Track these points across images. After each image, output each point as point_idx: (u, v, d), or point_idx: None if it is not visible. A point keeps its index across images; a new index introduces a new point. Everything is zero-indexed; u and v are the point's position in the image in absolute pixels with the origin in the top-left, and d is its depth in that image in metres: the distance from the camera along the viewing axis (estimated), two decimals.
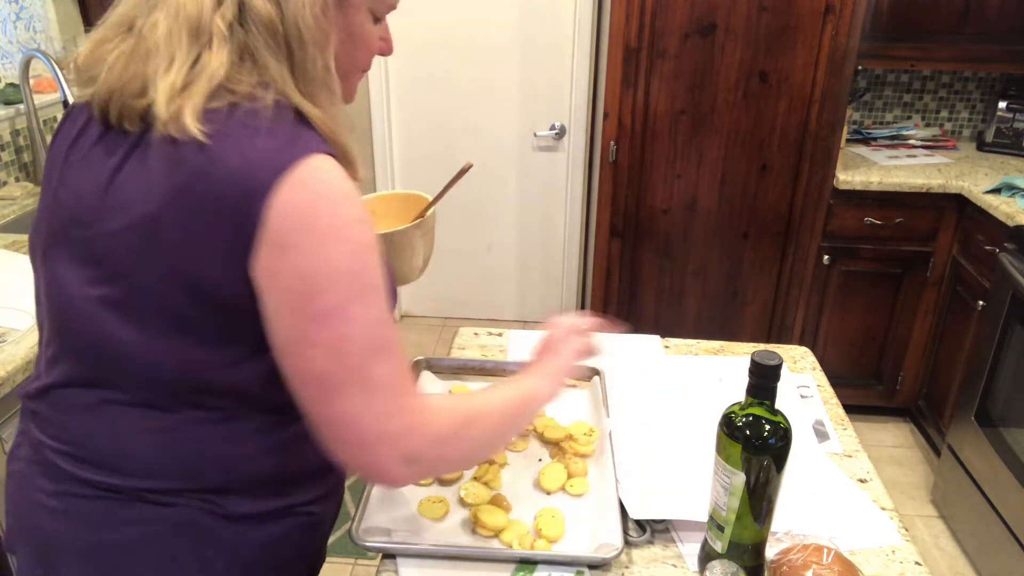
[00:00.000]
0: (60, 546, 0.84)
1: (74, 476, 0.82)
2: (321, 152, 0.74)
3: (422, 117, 3.23)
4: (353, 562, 2.22)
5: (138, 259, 0.74)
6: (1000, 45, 2.61)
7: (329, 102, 0.79)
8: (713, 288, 2.70)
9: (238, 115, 0.73)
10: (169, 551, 0.83)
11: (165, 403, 0.80)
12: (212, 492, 0.83)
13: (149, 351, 0.77)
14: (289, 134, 0.74)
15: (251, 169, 0.70)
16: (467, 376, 1.34)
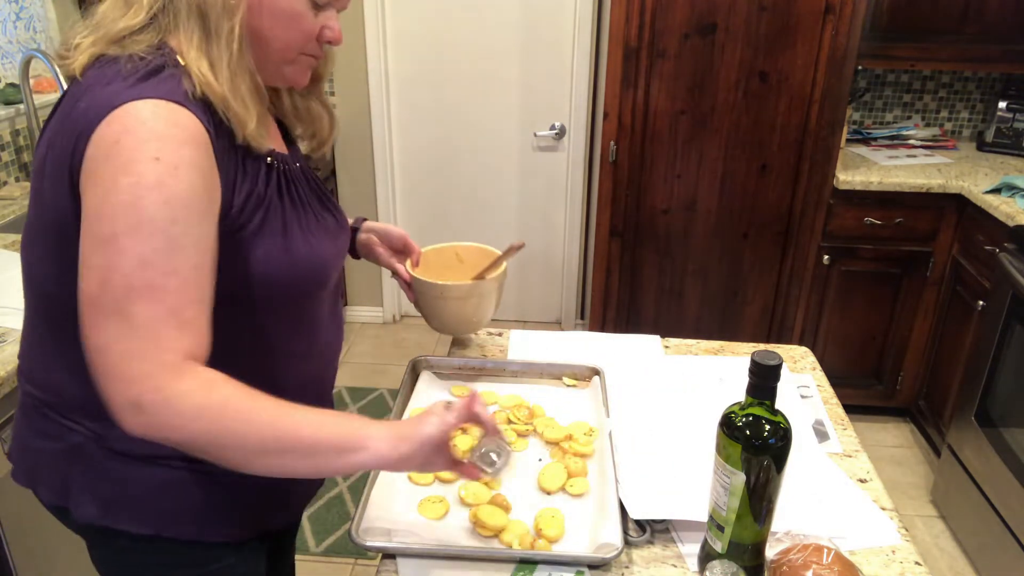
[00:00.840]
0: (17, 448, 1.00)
1: (22, 388, 0.98)
2: (162, 98, 0.80)
3: (422, 117, 3.23)
4: (353, 562, 2.22)
5: (36, 188, 0.87)
6: (1000, 45, 2.61)
7: (228, 63, 0.85)
8: (713, 288, 2.70)
9: (111, 64, 0.83)
10: (64, 471, 0.94)
11: (58, 328, 0.90)
12: (92, 418, 0.90)
13: (42, 279, 0.90)
14: (139, 81, 0.81)
15: (91, 109, 0.80)
16: (467, 376, 1.33)
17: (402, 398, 1.24)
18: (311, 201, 1.01)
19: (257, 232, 0.90)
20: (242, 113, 0.86)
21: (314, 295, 0.99)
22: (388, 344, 3.42)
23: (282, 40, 0.92)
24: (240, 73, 0.87)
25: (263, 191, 0.92)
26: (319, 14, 0.93)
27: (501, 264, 1.35)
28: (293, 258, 0.93)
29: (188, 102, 0.83)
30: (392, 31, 3.08)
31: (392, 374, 3.15)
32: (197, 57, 0.85)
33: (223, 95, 0.85)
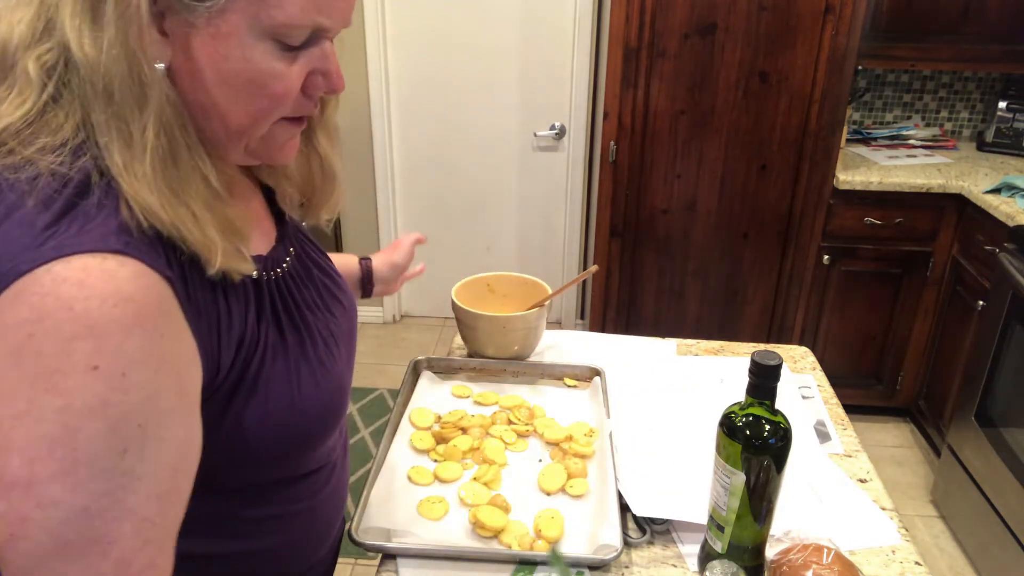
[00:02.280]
0: None
1: None
2: (95, 252, 0.55)
3: (422, 117, 3.23)
4: (353, 562, 2.22)
5: None
6: (1000, 45, 2.61)
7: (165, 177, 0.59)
8: (713, 288, 2.70)
9: (4, 188, 0.57)
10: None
11: None
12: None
13: None
14: (56, 220, 0.56)
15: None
16: (467, 376, 1.33)
17: (402, 398, 1.24)
18: (316, 305, 0.80)
19: (252, 391, 0.68)
20: (201, 242, 0.60)
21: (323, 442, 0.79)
22: (388, 344, 3.42)
23: (243, 114, 0.64)
24: (185, 184, 0.60)
25: (255, 330, 0.69)
26: (297, 60, 0.64)
27: (562, 289, 1.42)
28: (297, 408, 0.72)
29: (131, 243, 0.56)
30: (392, 31, 3.08)
31: (392, 374, 3.15)
32: (124, 169, 0.57)
33: (171, 223, 0.59)
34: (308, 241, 0.88)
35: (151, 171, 0.58)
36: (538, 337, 1.37)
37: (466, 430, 1.16)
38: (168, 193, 0.59)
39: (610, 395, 1.24)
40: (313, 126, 0.80)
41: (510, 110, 3.18)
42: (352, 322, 0.88)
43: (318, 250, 0.88)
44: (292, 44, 0.63)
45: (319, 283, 0.83)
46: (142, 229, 0.58)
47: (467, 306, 1.31)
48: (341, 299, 0.86)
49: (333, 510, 0.88)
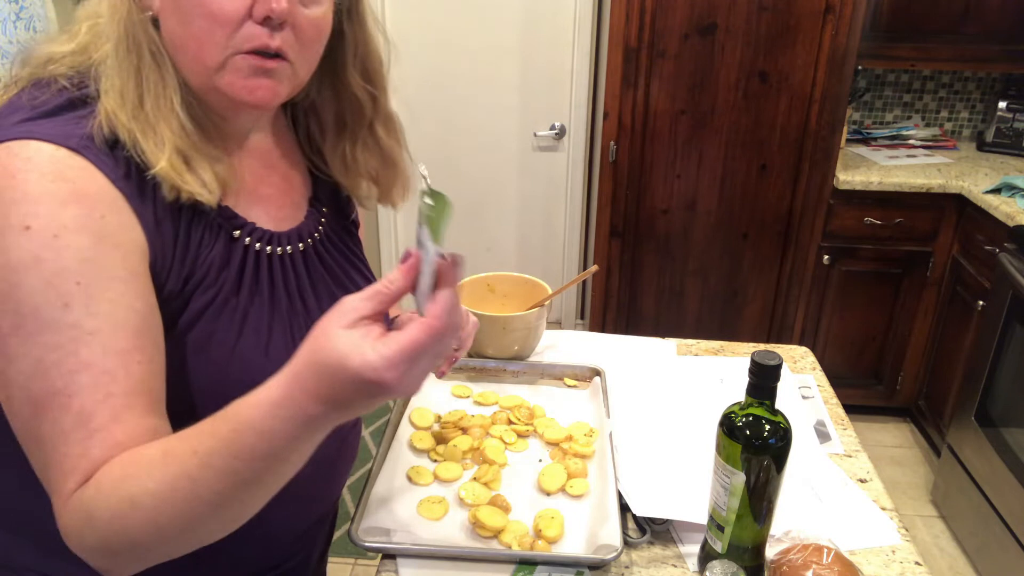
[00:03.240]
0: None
1: None
2: (49, 141, 0.63)
3: (422, 117, 3.22)
4: (353, 562, 2.22)
5: None
6: (1000, 45, 2.61)
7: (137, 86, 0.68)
8: (713, 288, 2.70)
9: (27, 90, 0.69)
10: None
11: None
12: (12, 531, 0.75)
13: None
14: (37, 117, 0.65)
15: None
16: (467, 376, 1.33)
17: (402, 398, 1.24)
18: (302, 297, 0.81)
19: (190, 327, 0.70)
20: (149, 146, 0.67)
21: None
22: None
23: (192, 37, 0.69)
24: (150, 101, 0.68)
25: (214, 276, 0.72)
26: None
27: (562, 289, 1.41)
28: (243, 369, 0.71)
29: (89, 147, 0.65)
30: (392, 31, 3.07)
31: None
32: (109, 85, 0.68)
33: (128, 127, 0.67)
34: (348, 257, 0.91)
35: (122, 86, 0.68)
36: (538, 337, 1.37)
37: (466, 430, 1.16)
38: (133, 106, 0.68)
39: (610, 395, 1.24)
40: (371, 120, 0.86)
41: (510, 110, 3.17)
42: None
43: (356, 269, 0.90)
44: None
45: (322, 284, 0.85)
46: (106, 142, 0.66)
47: (467, 306, 1.31)
48: None
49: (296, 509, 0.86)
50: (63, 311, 0.60)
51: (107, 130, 0.66)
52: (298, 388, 0.57)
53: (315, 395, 0.56)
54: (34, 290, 0.60)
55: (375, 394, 0.56)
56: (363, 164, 0.89)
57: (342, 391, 0.56)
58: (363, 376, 0.55)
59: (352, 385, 0.55)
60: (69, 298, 0.60)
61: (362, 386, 0.55)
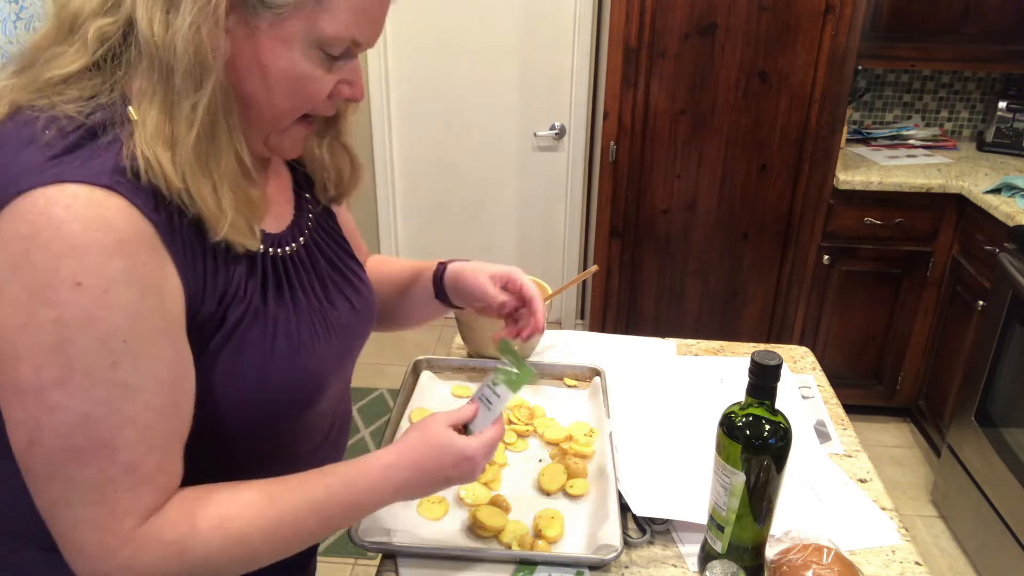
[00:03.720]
0: None
1: None
2: (87, 183, 0.61)
3: (422, 117, 3.22)
4: (353, 562, 2.22)
5: None
6: (1000, 45, 2.61)
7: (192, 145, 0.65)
8: (713, 288, 2.70)
9: (31, 122, 0.64)
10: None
11: None
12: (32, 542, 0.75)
13: None
14: (60, 153, 0.62)
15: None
16: (467, 376, 1.33)
17: (402, 398, 1.24)
18: (316, 290, 0.84)
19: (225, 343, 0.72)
20: (213, 211, 0.67)
21: (292, 420, 0.82)
22: (388, 344, 3.41)
23: (279, 108, 0.72)
24: (214, 158, 0.67)
25: (243, 289, 0.74)
26: (332, 69, 0.73)
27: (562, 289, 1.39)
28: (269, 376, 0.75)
29: (120, 182, 0.62)
30: (392, 31, 3.08)
31: (392, 374, 3.15)
32: (154, 135, 0.64)
33: (181, 190, 0.65)
34: (335, 238, 0.94)
35: (180, 137, 0.65)
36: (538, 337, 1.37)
37: None
38: (196, 165, 0.66)
39: (610, 395, 1.24)
40: (340, 127, 0.91)
41: (510, 110, 3.17)
42: (358, 323, 0.91)
43: (343, 250, 0.94)
44: (332, 54, 0.72)
45: (325, 274, 0.88)
46: (136, 174, 0.63)
47: None
48: (350, 296, 0.90)
49: None
50: (112, 369, 0.62)
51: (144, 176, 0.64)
52: (407, 457, 0.79)
53: (417, 465, 0.79)
54: (87, 348, 0.61)
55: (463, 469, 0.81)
56: (327, 163, 0.92)
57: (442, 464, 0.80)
58: (465, 453, 0.81)
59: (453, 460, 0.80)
60: (118, 356, 0.63)
61: (461, 461, 0.81)
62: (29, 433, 0.63)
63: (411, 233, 3.43)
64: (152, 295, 0.64)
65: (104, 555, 0.65)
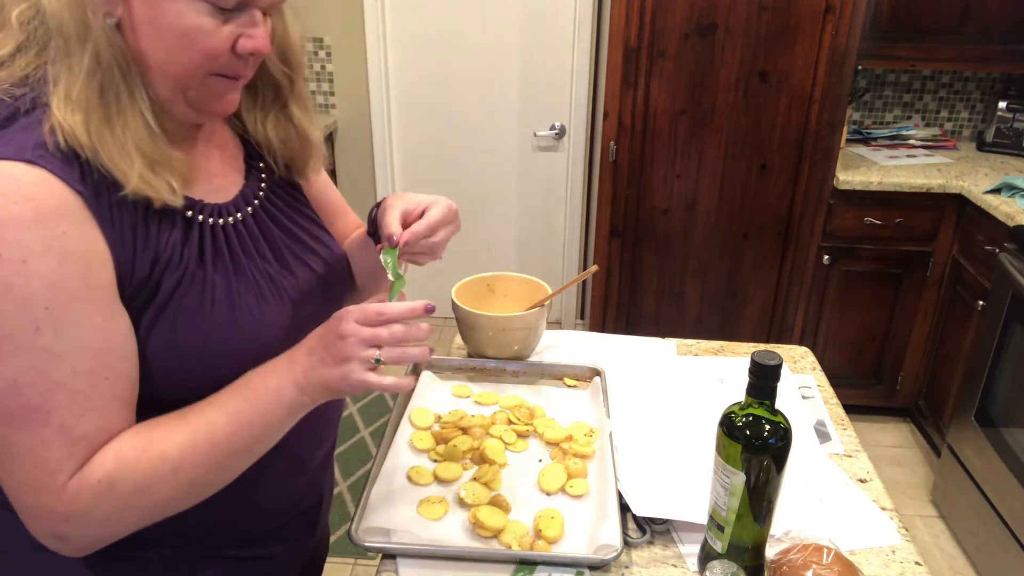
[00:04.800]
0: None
1: None
2: (8, 158, 0.64)
3: (422, 117, 3.22)
4: (353, 562, 2.22)
5: None
6: (1000, 45, 2.61)
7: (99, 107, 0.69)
8: (713, 288, 2.70)
9: None
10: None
11: None
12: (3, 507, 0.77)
13: None
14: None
15: None
16: (467, 376, 1.33)
17: (402, 398, 1.24)
18: (258, 259, 0.85)
19: (164, 307, 0.74)
20: (119, 165, 0.69)
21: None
22: None
23: (178, 64, 0.72)
24: (121, 117, 0.70)
25: (178, 255, 0.76)
26: (229, 22, 0.73)
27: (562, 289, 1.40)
28: (212, 336, 0.77)
29: (45, 156, 0.66)
30: (392, 31, 3.08)
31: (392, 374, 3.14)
32: (64, 99, 0.67)
33: (91, 148, 0.68)
34: (295, 208, 0.95)
35: (84, 98, 0.67)
36: (538, 337, 1.37)
37: (466, 430, 1.16)
38: (98, 121, 0.68)
39: (610, 395, 1.24)
40: (286, 100, 0.91)
41: (510, 110, 3.17)
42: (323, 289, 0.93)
43: (306, 218, 0.95)
44: (223, 6, 0.72)
45: (279, 242, 0.89)
46: (59, 148, 0.67)
47: (467, 306, 1.31)
48: (311, 263, 0.92)
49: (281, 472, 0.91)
50: (34, 335, 0.65)
51: (64, 143, 0.67)
52: (298, 349, 0.77)
53: (305, 347, 0.77)
54: (7, 315, 0.64)
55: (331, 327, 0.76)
56: (273, 137, 0.92)
57: (321, 331, 0.77)
58: (337, 313, 0.76)
59: (324, 328, 0.77)
60: (39, 323, 0.65)
61: (331, 321, 0.76)
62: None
63: None
64: (73, 263, 0.66)
65: (45, 515, 0.69)
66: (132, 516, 0.73)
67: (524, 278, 1.42)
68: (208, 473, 0.75)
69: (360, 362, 0.75)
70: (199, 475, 0.74)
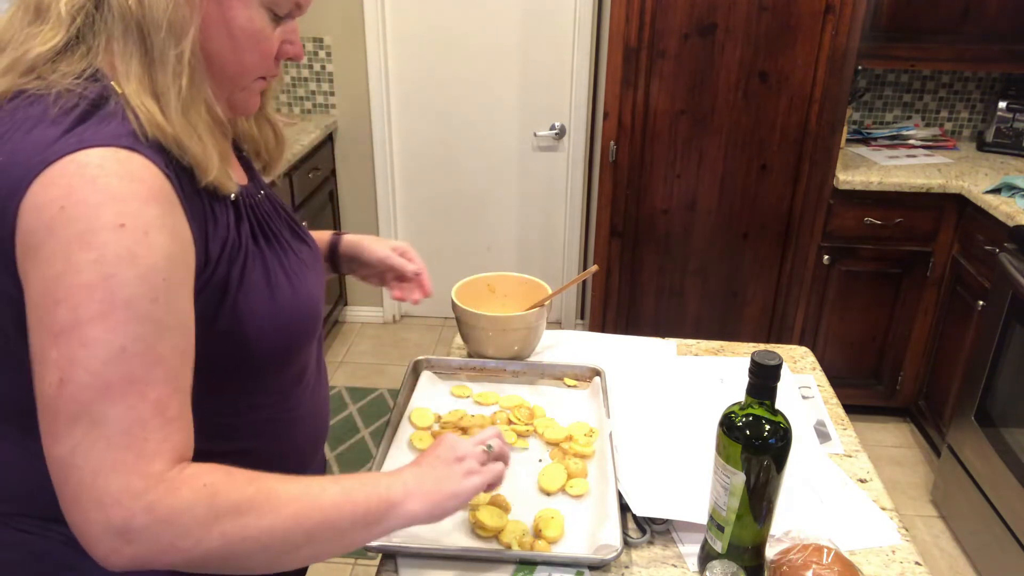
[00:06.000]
0: None
1: None
2: (107, 146, 0.66)
3: (422, 117, 3.23)
4: (353, 562, 2.22)
5: None
6: (1000, 45, 2.61)
7: (178, 97, 0.71)
8: (713, 288, 2.70)
9: (31, 104, 0.68)
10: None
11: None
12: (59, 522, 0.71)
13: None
14: (76, 125, 0.67)
15: (12, 163, 0.65)
16: (467, 376, 1.33)
17: (402, 398, 1.24)
18: (284, 234, 0.90)
19: (239, 287, 0.77)
20: (201, 156, 0.72)
21: (304, 347, 0.88)
22: (388, 344, 3.42)
23: (239, 64, 0.78)
24: (194, 107, 0.72)
25: (236, 237, 0.79)
26: (277, 28, 0.79)
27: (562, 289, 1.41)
28: (280, 308, 0.81)
29: (140, 144, 0.68)
30: (392, 31, 3.08)
31: (392, 374, 3.15)
32: (139, 90, 0.69)
33: (175, 136, 0.70)
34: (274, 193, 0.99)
35: (166, 90, 0.70)
36: (538, 337, 1.37)
37: (466, 430, 1.16)
38: (179, 112, 0.70)
39: (610, 395, 1.24)
40: (265, 98, 0.92)
41: (510, 110, 3.17)
42: (316, 262, 0.96)
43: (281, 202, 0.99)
44: (278, 14, 0.78)
45: (285, 219, 0.93)
46: (146, 136, 0.68)
47: (467, 306, 1.31)
48: (304, 238, 0.96)
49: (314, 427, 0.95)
50: (151, 305, 0.65)
51: (147, 133, 0.69)
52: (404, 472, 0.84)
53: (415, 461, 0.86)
54: (128, 282, 0.64)
55: (447, 449, 0.87)
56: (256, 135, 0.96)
57: (433, 450, 0.87)
58: (448, 440, 0.88)
59: (440, 445, 0.87)
60: (157, 292, 0.66)
61: (446, 446, 0.87)
62: (61, 372, 0.63)
63: (411, 233, 3.43)
64: (179, 244, 0.69)
65: (128, 499, 0.63)
66: (209, 541, 0.67)
67: (524, 278, 1.42)
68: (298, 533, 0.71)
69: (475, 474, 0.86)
70: (291, 527, 0.71)
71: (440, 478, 0.83)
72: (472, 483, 0.84)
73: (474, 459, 0.86)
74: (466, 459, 0.86)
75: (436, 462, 0.85)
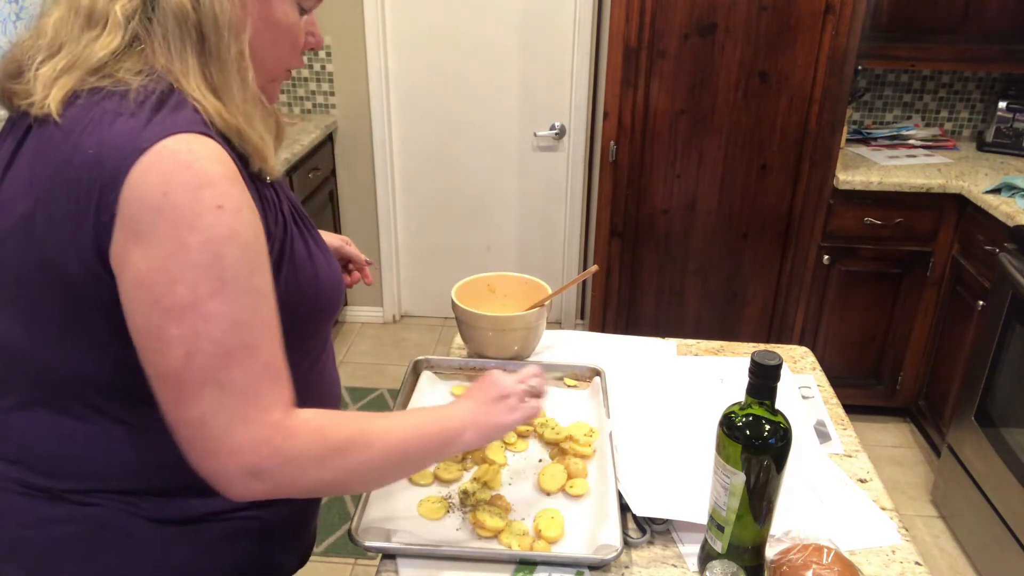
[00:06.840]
0: None
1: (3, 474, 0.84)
2: (188, 132, 0.71)
3: (422, 117, 3.23)
4: (353, 562, 2.22)
5: (20, 259, 0.75)
6: (1000, 45, 2.61)
7: (239, 90, 0.77)
8: (713, 288, 2.70)
9: (104, 100, 0.72)
10: (91, 552, 0.83)
11: (62, 405, 0.80)
12: (129, 494, 0.83)
13: (38, 354, 0.78)
14: (153, 115, 0.71)
15: (105, 154, 0.69)
16: (467, 376, 1.33)
17: (402, 398, 1.24)
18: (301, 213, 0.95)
19: (290, 260, 0.84)
20: (259, 144, 0.78)
21: (332, 315, 0.95)
22: (388, 344, 3.42)
23: (275, 56, 0.84)
24: (252, 99, 0.78)
25: (282, 216, 0.85)
26: (302, 21, 0.85)
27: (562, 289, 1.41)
28: (321, 281, 0.89)
29: (210, 132, 0.74)
30: (392, 31, 3.08)
31: (392, 374, 3.15)
32: (200, 84, 0.75)
33: (237, 127, 0.76)
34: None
35: (234, 86, 0.76)
36: (538, 337, 1.37)
37: None
38: (240, 105, 0.76)
39: (610, 395, 1.24)
40: None
41: (510, 110, 3.18)
42: None
43: None
44: (305, 8, 0.84)
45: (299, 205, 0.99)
46: (213, 125, 0.74)
47: (467, 306, 1.31)
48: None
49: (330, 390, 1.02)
50: (252, 276, 0.73)
51: (215, 123, 0.74)
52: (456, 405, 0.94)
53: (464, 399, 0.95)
54: (235, 259, 0.71)
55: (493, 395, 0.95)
56: None
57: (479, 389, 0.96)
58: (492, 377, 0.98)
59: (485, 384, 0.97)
60: (255, 265, 0.74)
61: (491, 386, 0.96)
62: (186, 345, 0.70)
63: (411, 233, 3.43)
64: (257, 220, 0.75)
65: (258, 446, 0.73)
66: (323, 474, 0.78)
67: (524, 278, 1.42)
68: (387, 465, 0.84)
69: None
70: (382, 461, 0.82)
71: (489, 412, 0.93)
72: (514, 417, 0.94)
73: (516, 397, 0.96)
74: (510, 396, 0.95)
75: (484, 397, 0.95)
